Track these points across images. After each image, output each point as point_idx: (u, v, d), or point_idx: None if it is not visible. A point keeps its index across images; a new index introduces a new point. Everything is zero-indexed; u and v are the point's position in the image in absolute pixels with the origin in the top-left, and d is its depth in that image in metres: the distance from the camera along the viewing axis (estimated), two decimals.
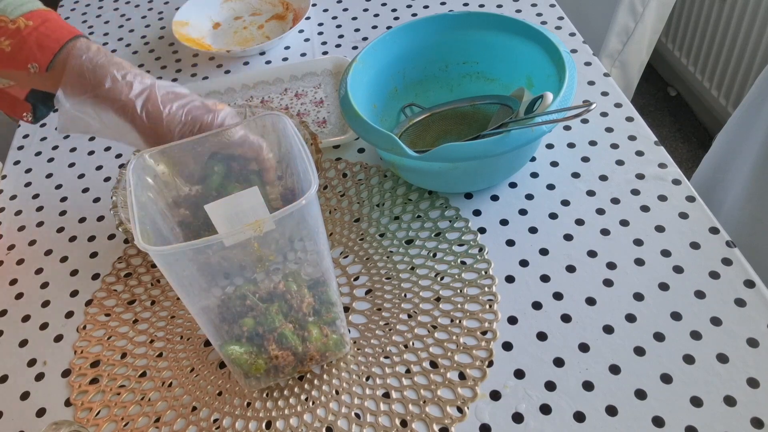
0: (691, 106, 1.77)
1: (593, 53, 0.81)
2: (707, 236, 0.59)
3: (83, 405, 0.54)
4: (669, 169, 0.66)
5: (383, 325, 0.57)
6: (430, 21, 0.71)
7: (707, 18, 1.50)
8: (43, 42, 0.52)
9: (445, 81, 0.75)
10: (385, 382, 0.53)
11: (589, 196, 0.64)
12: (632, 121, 0.71)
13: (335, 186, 0.69)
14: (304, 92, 0.82)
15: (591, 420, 0.49)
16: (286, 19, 0.96)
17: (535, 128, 0.56)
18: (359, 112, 0.61)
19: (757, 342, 0.51)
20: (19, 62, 0.52)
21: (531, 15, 0.89)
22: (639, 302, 0.55)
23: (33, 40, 0.52)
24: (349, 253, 0.63)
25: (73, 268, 0.66)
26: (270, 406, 0.52)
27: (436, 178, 0.65)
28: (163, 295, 0.62)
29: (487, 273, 0.59)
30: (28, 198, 0.75)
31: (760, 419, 0.47)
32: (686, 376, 0.50)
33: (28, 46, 0.52)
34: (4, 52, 0.52)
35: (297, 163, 0.47)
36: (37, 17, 0.53)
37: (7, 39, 0.52)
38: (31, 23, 0.52)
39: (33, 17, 0.52)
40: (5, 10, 0.52)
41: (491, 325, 0.55)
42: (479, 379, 0.52)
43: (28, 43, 0.52)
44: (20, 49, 0.52)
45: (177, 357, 0.57)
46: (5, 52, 0.52)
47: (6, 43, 0.51)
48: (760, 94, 0.84)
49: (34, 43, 0.52)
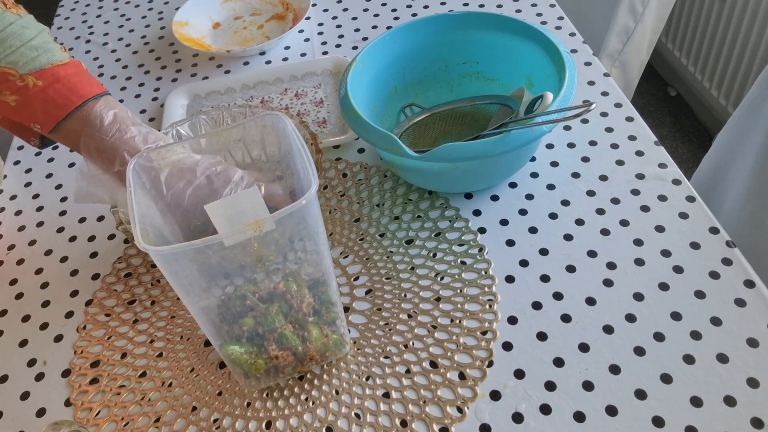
0: (691, 106, 1.77)
1: (593, 53, 0.81)
2: (707, 236, 0.59)
3: (83, 405, 0.54)
4: (669, 169, 0.66)
5: (383, 325, 0.57)
6: (430, 21, 0.71)
7: (707, 18, 1.50)
8: (48, 107, 0.50)
9: (445, 81, 0.75)
10: (385, 382, 0.53)
11: (589, 196, 0.64)
12: (632, 121, 0.71)
13: (335, 186, 0.69)
14: (304, 92, 0.82)
15: (591, 420, 0.49)
16: (286, 19, 0.96)
17: (535, 128, 0.56)
18: (359, 112, 0.61)
19: (757, 342, 0.51)
20: (23, 118, 0.51)
21: (531, 15, 0.89)
22: (639, 302, 0.55)
23: (39, 102, 0.50)
24: (349, 253, 0.63)
25: (73, 268, 0.66)
26: (270, 406, 0.52)
27: (436, 178, 0.65)
28: (163, 295, 0.62)
29: (487, 273, 0.59)
30: (28, 198, 0.75)
31: (760, 419, 0.47)
32: (686, 376, 0.50)
33: (33, 108, 0.50)
34: (9, 106, 0.50)
35: (297, 163, 0.47)
36: (48, 76, 0.50)
37: (13, 94, 0.50)
38: (39, 83, 0.50)
39: (43, 76, 0.50)
40: (17, 62, 0.50)
41: (491, 325, 0.55)
42: (479, 379, 0.52)
43: (34, 104, 0.50)
44: (25, 108, 0.50)
45: (177, 357, 0.57)
46: (10, 106, 0.50)
47: (12, 98, 0.50)
48: (760, 94, 0.84)
49: (39, 106, 0.50)
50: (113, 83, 0.89)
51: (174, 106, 0.82)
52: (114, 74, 0.91)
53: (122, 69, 0.91)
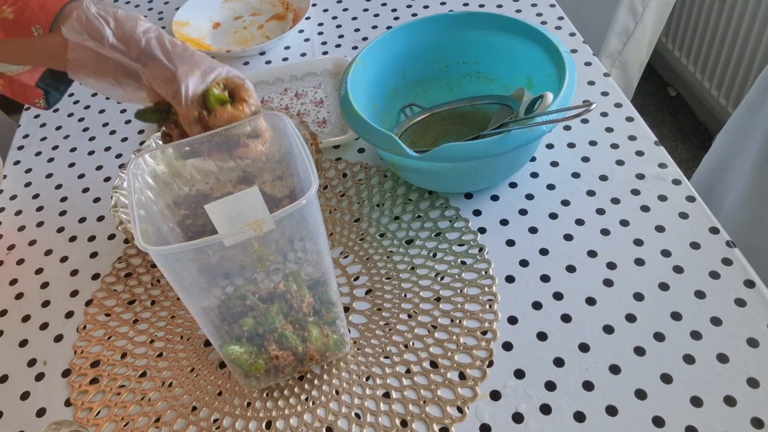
0: (691, 106, 1.77)
1: (593, 53, 0.81)
2: (707, 236, 0.59)
3: (83, 405, 0.54)
4: (669, 169, 0.66)
5: (383, 325, 0.57)
6: (430, 21, 0.71)
7: (707, 18, 1.50)
8: (45, 3, 0.52)
9: (445, 81, 0.75)
10: (385, 382, 0.53)
11: (589, 196, 0.64)
12: (632, 121, 0.71)
13: (335, 186, 0.69)
14: (304, 92, 0.82)
15: (591, 420, 0.49)
16: (286, 19, 0.96)
17: (535, 128, 0.56)
18: (359, 112, 0.61)
19: (757, 342, 0.51)
20: (23, 27, 0.52)
21: (531, 15, 0.89)
22: (639, 302, 0.55)
23: (35, 3, 0.52)
24: (349, 253, 0.63)
25: (73, 268, 0.66)
26: (270, 406, 0.52)
27: (436, 178, 0.65)
28: (163, 295, 0.62)
29: (487, 273, 0.59)
30: (28, 198, 0.75)
31: (760, 419, 0.47)
32: (686, 376, 0.50)
33: (30, 10, 0.52)
34: (7, 20, 0.52)
35: (297, 163, 0.47)
36: None
37: (10, 6, 0.51)
38: None
39: None
40: None
41: (491, 325, 0.55)
42: (479, 379, 0.52)
43: (30, 6, 0.51)
44: (22, 14, 0.52)
45: (177, 357, 0.57)
46: (9, 20, 0.52)
47: (8, 10, 0.51)
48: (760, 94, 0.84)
49: (36, 6, 0.52)
50: None
51: None
52: None
53: None
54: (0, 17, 0.52)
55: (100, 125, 0.83)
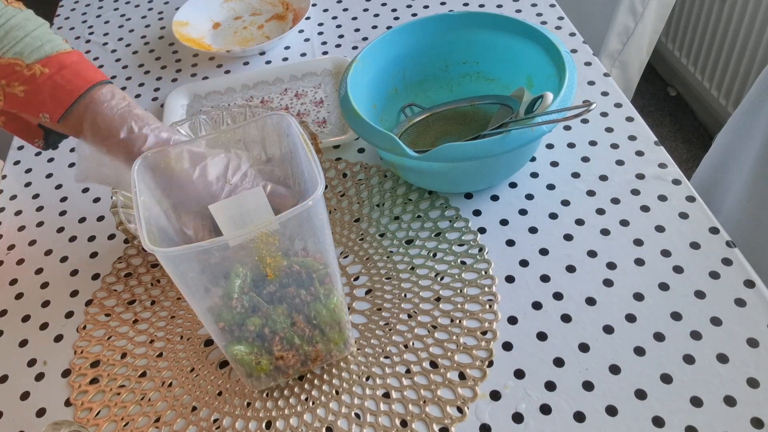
0: (691, 106, 1.77)
1: (593, 53, 0.81)
2: (707, 236, 0.59)
3: (83, 405, 0.54)
4: (669, 169, 0.66)
5: (383, 325, 0.57)
6: (430, 21, 0.71)
7: (707, 18, 1.50)
8: (57, 93, 0.50)
9: (445, 81, 0.75)
10: (385, 382, 0.53)
11: (589, 196, 0.64)
12: (632, 121, 0.71)
13: (335, 186, 0.69)
14: (304, 92, 0.82)
15: (591, 420, 0.49)
16: (286, 19, 0.96)
17: (535, 128, 0.56)
18: (359, 112, 0.61)
19: (757, 342, 0.51)
20: (31, 109, 0.51)
21: (531, 15, 0.89)
22: (639, 302, 0.55)
23: (47, 89, 0.50)
24: (349, 253, 0.63)
25: (73, 268, 0.66)
26: (270, 406, 0.52)
27: (436, 178, 0.65)
28: (163, 295, 0.62)
29: (487, 273, 0.59)
30: (28, 198, 0.75)
31: (760, 419, 0.47)
32: (686, 376, 0.50)
33: (41, 96, 0.50)
34: (17, 97, 0.51)
35: (302, 163, 0.47)
36: (55, 63, 0.51)
37: (21, 85, 0.50)
38: (46, 71, 0.50)
39: (50, 64, 0.50)
40: (22, 53, 0.50)
41: (491, 325, 0.55)
42: (479, 379, 0.52)
43: (42, 92, 0.50)
44: (34, 97, 0.50)
45: (177, 357, 0.57)
46: (19, 97, 0.51)
47: (20, 89, 0.50)
48: (760, 94, 0.84)
49: (47, 93, 0.50)
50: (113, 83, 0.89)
51: (174, 106, 0.82)
52: (114, 74, 0.91)
53: (122, 69, 0.91)
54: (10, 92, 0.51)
55: None
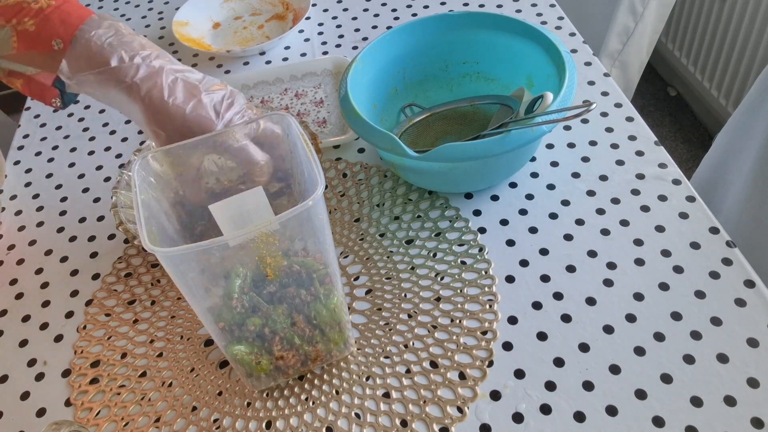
0: (691, 106, 1.77)
1: (593, 53, 0.81)
2: (707, 236, 0.59)
3: (83, 405, 0.54)
4: (669, 169, 0.66)
5: (383, 325, 0.57)
6: (430, 21, 0.71)
7: (707, 18, 1.50)
8: (65, 18, 0.52)
9: (445, 81, 0.75)
10: (385, 382, 0.53)
11: (589, 196, 0.64)
12: (632, 121, 0.71)
13: (335, 186, 0.69)
14: (304, 92, 0.82)
15: (591, 420, 0.49)
16: (286, 19, 0.96)
17: (535, 128, 0.56)
18: (359, 112, 0.61)
19: (757, 342, 0.51)
20: (43, 40, 0.53)
21: (531, 15, 0.89)
22: (639, 302, 0.55)
23: (56, 17, 0.52)
24: (349, 253, 0.63)
25: (73, 268, 0.66)
26: (270, 406, 0.52)
27: (436, 178, 0.65)
28: (163, 295, 0.62)
29: (487, 273, 0.59)
30: (28, 198, 0.75)
31: (760, 419, 0.47)
32: (686, 376, 0.50)
33: (51, 23, 0.52)
34: (29, 32, 0.52)
35: (302, 163, 0.47)
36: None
37: (32, 19, 0.52)
38: (53, 2, 0.52)
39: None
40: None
41: (491, 325, 0.55)
42: (479, 379, 0.52)
43: (51, 20, 0.52)
44: (44, 27, 0.52)
45: (177, 357, 0.57)
46: (30, 32, 0.52)
47: (30, 22, 0.52)
48: (760, 94, 0.84)
49: (57, 20, 0.52)
50: None
51: None
52: None
53: None
54: (21, 29, 0.52)
55: (100, 125, 0.83)
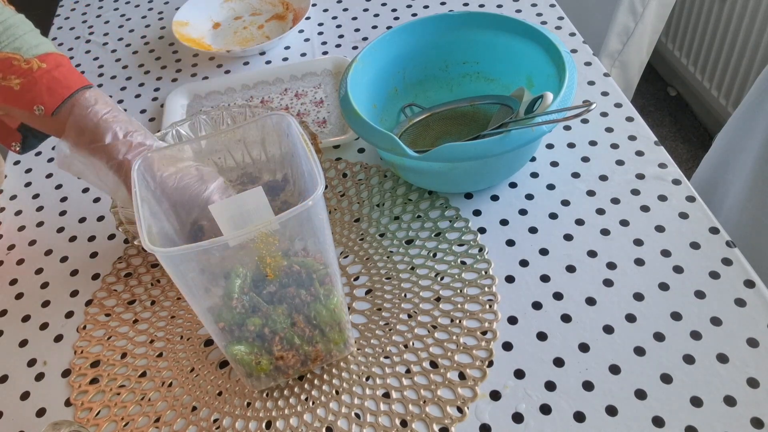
0: (691, 106, 1.77)
1: (593, 53, 0.81)
2: (707, 236, 0.59)
3: (83, 405, 0.54)
4: (669, 169, 0.66)
5: (383, 325, 0.57)
6: (430, 21, 0.71)
7: (707, 18, 1.50)
8: (53, 86, 0.52)
9: (445, 81, 0.75)
10: (385, 382, 0.53)
11: (589, 196, 0.64)
12: (632, 121, 0.71)
13: (335, 186, 0.69)
14: (304, 92, 0.82)
15: (591, 420, 0.49)
16: (286, 19, 0.96)
17: (535, 128, 0.56)
18: (359, 112, 0.61)
19: (757, 342, 0.51)
20: (25, 102, 0.52)
21: (531, 15, 0.89)
22: (639, 302, 0.55)
23: (44, 83, 0.52)
24: (349, 253, 0.63)
25: (73, 268, 0.66)
26: (270, 406, 0.52)
27: (436, 178, 0.65)
28: (163, 295, 0.62)
29: (487, 273, 0.59)
30: (28, 198, 0.75)
31: (760, 419, 0.47)
32: (686, 376, 0.50)
33: (38, 89, 0.52)
34: (12, 90, 0.52)
35: (302, 163, 0.47)
36: (52, 61, 0.53)
37: (18, 78, 0.51)
38: (44, 66, 0.52)
39: (47, 60, 0.53)
40: (20, 48, 0.52)
41: (491, 325, 0.55)
42: (479, 379, 0.52)
43: (39, 85, 0.52)
44: (29, 90, 0.52)
45: (177, 357, 0.57)
46: (14, 90, 0.52)
47: (16, 81, 0.51)
48: (760, 94, 0.84)
49: (44, 86, 0.52)
50: (113, 83, 0.89)
51: (174, 106, 0.82)
52: (114, 74, 0.91)
53: (122, 69, 0.91)
54: (5, 85, 0.52)
55: None
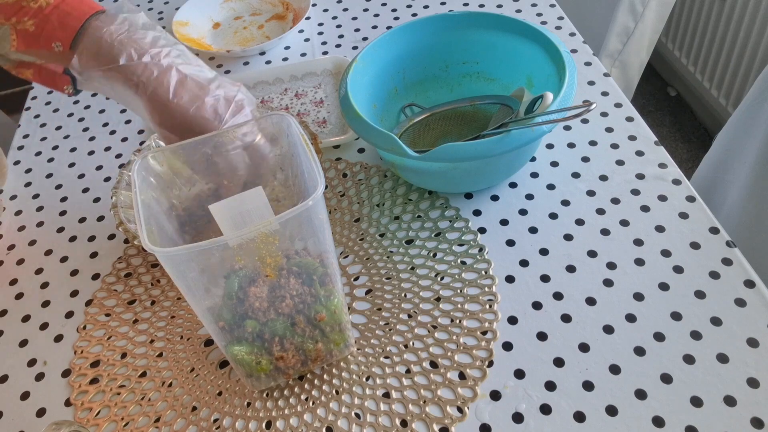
0: (691, 106, 1.77)
1: (593, 53, 0.81)
2: (707, 236, 0.59)
3: (83, 405, 0.54)
4: (669, 169, 0.66)
5: (383, 325, 0.57)
6: (430, 21, 0.71)
7: (707, 18, 1.50)
8: (64, 20, 0.52)
9: (445, 81, 0.75)
10: (385, 382, 0.53)
11: (589, 196, 0.64)
12: (632, 121, 0.71)
13: (335, 186, 0.69)
14: (304, 92, 0.82)
15: (591, 420, 0.49)
16: (286, 19, 0.96)
17: (535, 128, 0.56)
18: (359, 112, 0.61)
19: (757, 342, 0.51)
20: (44, 42, 0.52)
21: (531, 15, 0.89)
22: (639, 302, 0.55)
23: (55, 18, 0.51)
24: (349, 253, 0.63)
25: (73, 268, 0.66)
26: (270, 406, 0.52)
27: (436, 178, 0.65)
28: (163, 295, 0.62)
29: (487, 273, 0.59)
30: (28, 198, 0.75)
31: (760, 419, 0.47)
32: (686, 376, 0.50)
33: (50, 26, 0.51)
34: (28, 32, 0.52)
35: (302, 163, 0.47)
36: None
37: (31, 19, 0.51)
38: (51, 1, 0.52)
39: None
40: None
41: (491, 325, 0.55)
42: (479, 379, 0.52)
43: (50, 22, 0.51)
44: (43, 28, 0.52)
45: (177, 357, 0.57)
46: (30, 32, 0.52)
47: (30, 23, 0.51)
48: (760, 94, 0.84)
49: (56, 21, 0.51)
50: None
51: None
52: None
53: None
54: (21, 28, 0.52)
55: (100, 125, 0.83)
